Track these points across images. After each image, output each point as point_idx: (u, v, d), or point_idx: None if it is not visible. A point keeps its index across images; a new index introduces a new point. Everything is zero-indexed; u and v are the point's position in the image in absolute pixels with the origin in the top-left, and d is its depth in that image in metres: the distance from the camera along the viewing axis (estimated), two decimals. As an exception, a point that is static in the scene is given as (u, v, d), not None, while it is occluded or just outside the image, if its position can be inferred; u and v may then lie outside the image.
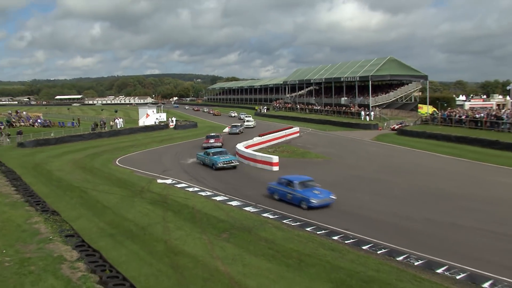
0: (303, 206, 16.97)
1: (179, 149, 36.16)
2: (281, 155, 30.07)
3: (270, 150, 32.94)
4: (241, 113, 75.71)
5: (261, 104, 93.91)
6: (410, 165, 27.84)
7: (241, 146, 30.31)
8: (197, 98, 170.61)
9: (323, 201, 17.02)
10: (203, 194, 19.70)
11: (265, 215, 16.24)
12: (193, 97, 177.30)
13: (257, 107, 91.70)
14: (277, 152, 32.09)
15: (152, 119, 57.91)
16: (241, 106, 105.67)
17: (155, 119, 58.29)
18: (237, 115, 77.54)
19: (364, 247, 12.82)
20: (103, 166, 28.05)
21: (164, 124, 56.89)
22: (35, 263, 10.54)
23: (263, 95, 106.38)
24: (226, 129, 50.90)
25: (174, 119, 60.44)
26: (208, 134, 38.31)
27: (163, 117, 60.49)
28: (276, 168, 25.46)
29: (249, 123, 55.61)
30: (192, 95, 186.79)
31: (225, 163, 25.92)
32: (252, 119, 59.07)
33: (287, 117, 67.41)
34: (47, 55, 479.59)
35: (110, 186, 21.48)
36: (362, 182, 22.33)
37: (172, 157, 32.14)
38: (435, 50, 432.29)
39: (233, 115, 79.60)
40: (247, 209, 17.11)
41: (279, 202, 18.12)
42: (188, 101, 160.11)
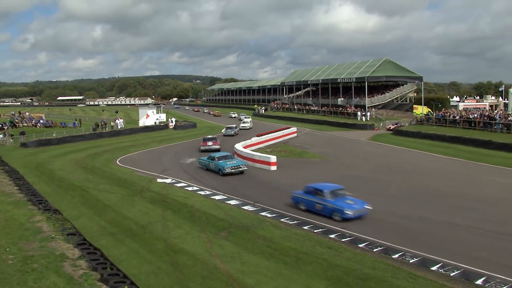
0: (336, 218, 15.40)
1: (178, 149, 36.26)
2: (279, 155, 30.15)
3: (268, 150, 33.04)
4: (242, 114, 73.54)
5: (259, 105, 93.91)
6: (405, 164, 27.95)
7: (239, 146, 30.45)
8: (196, 99, 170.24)
9: (359, 212, 15.48)
10: (202, 193, 19.82)
11: (263, 213, 16.35)
12: (192, 98, 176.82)
13: (256, 105, 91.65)
14: (275, 152, 32.18)
15: (152, 119, 57.89)
16: (239, 107, 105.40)
17: (155, 119, 58.26)
18: (237, 115, 75.90)
19: (360, 245, 12.93)
20: (104, 165, 28.16)
21: (163, 125, 56.90)
22: (37, 261, 10.61)
23: (261, 96, 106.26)
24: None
25: (173, 119, 60.40)
26: (204, 137, 36.60)
27: (163, 118, 60.41)
28: (274, 168, 25.62)
29: (245, 124, 53.39)
30: (192, 96, 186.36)
31: (233, 168, 24.06)
32: (249, 121, 56.38)
33: (284, 118, 67.36)
34: (49, 57, 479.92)
35: (110, 186, 21.59)
36: (359, 182, 22.37)
37: (171, 157, 32.24)
38: (430, 52, 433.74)
39: (233, 115, 78.25)
40: (246, 208, 17.21)
41: (305, 212, 16.55)
42: (188, 102, 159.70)
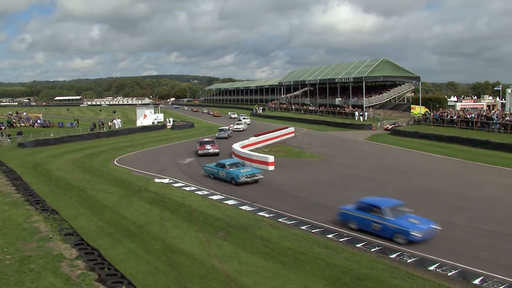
0: (399, 240, 13.15)
1: (176, 149, 36.24)
2: (277, 154, 30.18)
3: (266, 150, 33.04)
4: (241, 114, 71.48)
5: (258, 105, 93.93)
6: (403, 164, 27.97)
7: (237, 146, 30.47)
8: (194, 99, 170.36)
9: (426, 233, 13.17)
10: (199, 193, 19.84)
11: (261, 213, 16.36)
12: (190, 98, 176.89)
13: (256, 105, 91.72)
14: (273, 152, 32.18)
15: (149, 119, 57.88)
16: (237, 107, 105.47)
17: (153, 119, 58.25)
18: (237, 116, 73.85)
19: (358, 245, 12.97)
20: (102, 165, 28.12)
21: (161, 125, 56.89)
22: (35, 261, 10.61)
23: (258, 95, 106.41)
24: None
25: (171, 119, 60.45)
26: (201, 139, 34.19)
27: (161, 118, 60.38)
28: (271, 168, 25.61)
29: (238, 126, 50.77)
30: (189, 96, 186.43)
31: (248, 177, 21.49)
32: (243, 122, 54.12)
33: (282, 118, 67.34)
34: (47, 56, 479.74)
35: (108, 186, 21.57)
36: (356, 181, 22.45)
37: (169, 156, 32.23)
38: (427, 52, 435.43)
39: (233, 116, 76.59)
40: (243, 208, 17.23)
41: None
42: (185, 101, 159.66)
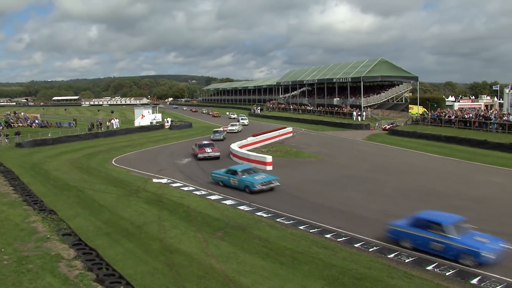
0: (467, 262, 11.49)
1: (174, 149, 36.25)
2: (275, 154, 30.18)
3: (264, 150, 33.05)
4: (240, 115, 70.89)
5: (256, 105, 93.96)
6: (401, 164, 28.01)
7: (235, 146, 30.51)
8: (192, 99, 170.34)
9: (498, 254, 11.53)
10: (198, 193, 19.83)
11: (259, 213, 16.35)
12: (188, 98, 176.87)
13: (254, 105, 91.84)
14: (271, 152, 32.18)
15: (147, 119, 57.84)
16: (235, 107, 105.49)
17: (151, 119, 58.22)
18: (236, 116, 72.98)
19: (356, 245, 12.97)
20: (100, 165, 28.10)
21: (159, 125, 56.87)
22: (33, 261, 10.60)
23: (256, 95, 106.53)
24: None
25: (169, 119, 60.44)
26: (199, 142, 32.16)
27: (159, 118, 60.41)
28: (269, 168, 25.57)
29: (233, 127, 49.41)
30: (187, 96, 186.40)
31: (264, 184, 19.74)
32: (238, 123, 52.87)
33: (280, 118, 67.43)
34: (45, 56, 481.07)
35: (106, 186, 21.57)
36: (354, 181, 22.48)
37: (167, 157, 32.23)
38: (425, 52, 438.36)
39: (232, 116, 75.81)
40: (242, 207, 17.23)
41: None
42: (183, 102, 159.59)
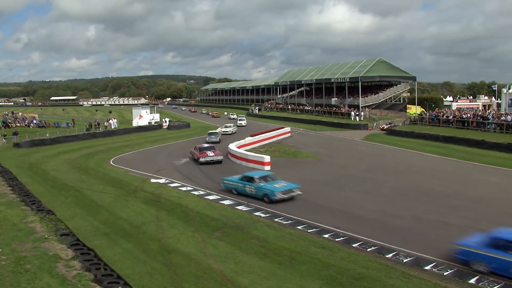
0: None
1: (172, 149, 36.24)
2: (273, 154, 30.21)
3: (262, 150, 33.10)
4: (240, 115, 70.56)
5: (255, 104, 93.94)
6: (399, 164, 28.09)
7: (233, 146, 30.53)
8: (190, 99, 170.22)
9: None
10: (196, 193, 19.79)
11: (257, 213, 16.33)
12: (186, 98, 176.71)
13: (253, 105, 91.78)
14: (269, 152, 32.23)
15: (145, 120, 57.80)
16: (233, 107, 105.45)
17: (150, 119, 58.19)
18: (236, 117, 71.54)
19: (354, 245, 12.94)
20: (98, 166, 28.03)
21: (157, 125, 56.86)
22: (30, 261, 10.55)
23: (255, 95, 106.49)
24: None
25: (167, 119, 60.44)
26: (199, 146, 30.07)
27: (157, 118, 60.40)
28: (267, 168, 25.54)
29: (227, 129, 47.34)
30: (185, 96, 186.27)
31: (285, 192, 18.00)
32: (232, 125, 50.56)
33: (278, 118, 67.51)
34: (42, 56, 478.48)
35: (104, 186, 21.51)
36: (352, 181, 22.51)
37: (165, 157, 32.20)
38: (423, 52, 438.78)
39: (232, 117, 74.77)
40: (240, 207, 17.21)
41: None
42: (181, 102, 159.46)
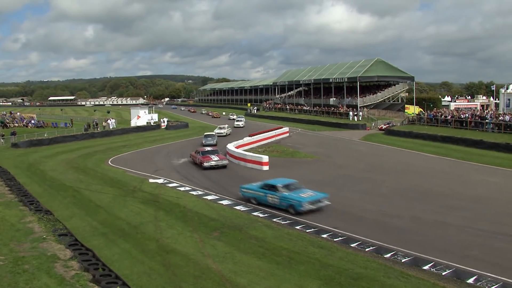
0: None
1: (170, 149, 36.25)
2: (271, 154, 30.23)
3: (260, 150, 33.12)
4: (239, 116, 68.74)
5: (252, 104, 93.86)
6: (397, 164, 28.11)
7: (231, 146, 30.51)
8: (189, 99, 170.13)
9: None
10: (194, 193, 19.80)
11: (256, 213, 16.35)
12: (184, 98, 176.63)
13: (249, 104, 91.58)
14: (267, 152, 32.25)
15: (143, 120, 57.76)
16: (231, 107, 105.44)
17: (148, 119, 58.14)
18: (236, 117, 69.75)
19: (352, 245, 12.96)
20: (96, 166, 28.01)
21: (156, 125, 56.84)
22: (29, 262, 10.54)
23: (253, 95, 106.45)
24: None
25: (165, 119, 60.44)
26: (201, 149, 28.22)
27: (155, 118, 60.37)
28: (266, 168, 25.62)
29: (221, 130, 45.27)
30: (184, 96, 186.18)
31: (313, 203, 16.20)
32: (226, 126, 48.16)
33: (276, 118, 67.53)
34: (41, 56, 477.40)
35: (102, 186, 21.51)
36: (351, 181, 22.54)
37: (163, 157, 32.19)
38: (422, 52, 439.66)
39: (232, 117, 73.53)
40: (238, 208, 17.22)
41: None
42: (180, 102, 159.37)
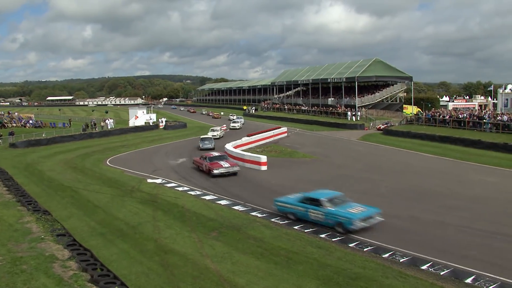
0: None
1: (169, 149, 36.24)
2: (269, 154, 30.23)
3: (259, 150, 33.12)
4: (238, 116, 68.34)
5: (249, 105, 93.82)
6: (395, 164, 28.12)
7: (229, 146, 30.49)
8: (187, 99, 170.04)
9: None
10: (192, 193, 19.83)
11: (254, 213, 16.37)
12: (182, 98, 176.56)
13: (245, 107, 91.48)
14: (265, 152, 32.24)
15: (141, 120, 57.72)
16: (230, 107, 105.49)
17: (146, 119, 58.08)
18: (235, 117, 68.45)
19: (350, 245, 13.00)
20: (94, 166, 28.00)
21: (154, 125, 56.81)
22: (27, 262, 10.52)
23: (251, 95, 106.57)
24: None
25: (164, 119, 60.41)
26: (208, 155, 25.65)
27: (154, 118, 60.32)
28: (264, 168, 25.64)
29: (213, 132, 43.38)
30: (182, 96, 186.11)
31: (365, 219, 14.17)
32: (220, 128, 46.40)
33: (275, 118, 67.56)
34: (39, 56, 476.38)
35: (100, 186, 21.51)
36: (349, 181, 22.52)
37: (162, 157, 32.18)
38: (420, 52, 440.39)
39: (232, 118, 71.00)
40: (236, 208, 17.23)
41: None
42: (178, 102, 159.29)
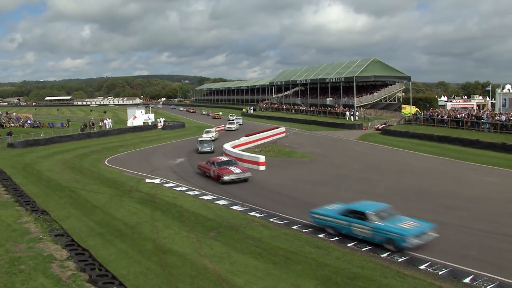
0: None
1: (167, 149, 36.22)
2: (268, 154, 30.25)
3: (257, 150, 33.11)
4: (237, 117, 67.94)
5: (248, 105, 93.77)
6: (394, 164, 28.15)
7: (228, 146, 30.49)
8: (185, 99, 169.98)
9: None
10: (190, 193, 19.83)
11: (252, 213, 16.37)
12: (181, 98, 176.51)
13: (244, 109, 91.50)
14: (264, 151, 32.25)
15: (140, 120, 57.69)
16: (228, 107, 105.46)
17: (145, 119, 58.04)
18: (234, 118, 67.48)
19: (349, 245, 13.02)
20: (92, 166, 27.97)
21: (152, 125, 56.79)
22: (25, 262, 10.52)
23: (249, 95, 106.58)
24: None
25: (162, 119, 60.38)
26: (215, 159, 23.99)
27: (152, 118, 60.29)
28: (262, 168, 25.63)
29: (209, 134, 41.74)
30: (180, 96, 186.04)
31: (418, 236, 12.50)
32: (214, 130, 44.25)
33: (273, 118, 67.54)
34: (37, 56, 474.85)
35: (99, 186, 21.49)
36: (347, 181, 22.57)
37: (160, 157, 32.17)
38: (418, 52, 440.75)
39: (232, 118, 69.72)
40: (235, 208, 17.24)
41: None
42: (176, 102, 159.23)
